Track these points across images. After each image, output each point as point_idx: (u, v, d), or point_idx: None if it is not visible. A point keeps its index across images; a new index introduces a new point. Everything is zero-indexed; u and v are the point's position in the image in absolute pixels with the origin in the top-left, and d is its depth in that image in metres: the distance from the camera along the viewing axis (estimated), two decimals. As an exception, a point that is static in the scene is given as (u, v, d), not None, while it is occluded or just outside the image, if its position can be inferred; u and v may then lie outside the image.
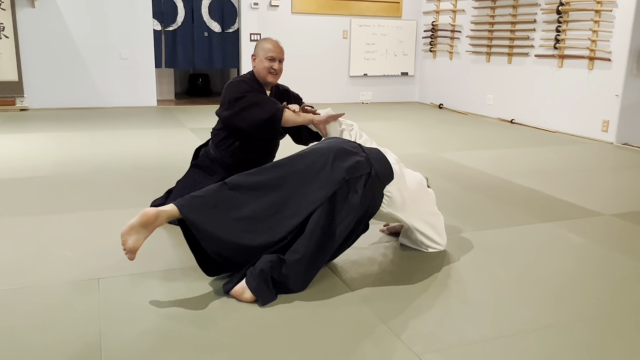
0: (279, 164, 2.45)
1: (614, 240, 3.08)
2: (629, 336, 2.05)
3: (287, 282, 2.25)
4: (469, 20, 8.21)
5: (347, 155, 2.46)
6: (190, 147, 5.24)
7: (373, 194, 2.46)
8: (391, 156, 2.63)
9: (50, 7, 7.38)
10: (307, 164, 2.41)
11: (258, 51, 3.03)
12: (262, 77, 3.04)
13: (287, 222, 2.30)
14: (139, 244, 2.18)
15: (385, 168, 2.52)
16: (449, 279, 2.50)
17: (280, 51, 3.04)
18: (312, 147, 2.56)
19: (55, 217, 3.21)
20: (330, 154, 2.43)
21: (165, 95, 9.06)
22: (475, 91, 8.17)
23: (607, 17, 6.06)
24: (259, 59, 3.02)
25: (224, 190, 2.32)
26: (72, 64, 7.63)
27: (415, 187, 2.66)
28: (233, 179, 2.37)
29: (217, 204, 2.28)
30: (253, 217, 2.30)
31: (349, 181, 2.37)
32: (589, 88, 6.35)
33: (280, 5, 8.41)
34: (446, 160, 4.93)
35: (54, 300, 2.19)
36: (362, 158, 2.47)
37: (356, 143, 2.63)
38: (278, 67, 3.02)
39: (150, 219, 2.17)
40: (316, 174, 2.38)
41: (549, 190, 4.05)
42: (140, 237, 2.18)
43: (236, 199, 2.31)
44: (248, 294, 2.19)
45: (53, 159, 4.66)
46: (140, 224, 2.17)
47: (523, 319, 2.15)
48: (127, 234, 2.17)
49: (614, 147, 5.90)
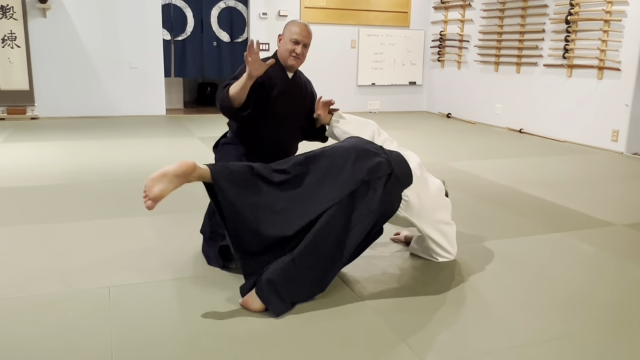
0: (300, 161, 2.44)
1: (625, 251, 3.06)
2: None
3: (301, 286, 2.23)
4: (477, 30, 8.22)
5: (369, 155, 2.44)
6: (199, 156, 5.28)
7: (391, 197, 2.46)
8: (414, 159, 2.62)
9: (62, 17, 7.46)
10: (328, 161, 2.41)
11: (284, 32, 2.89)
12: (283, 59, 2.90)
13: (301, 218, 2.29)
14: (164, 194, 2.14)
15: (405, 171, 2.51)
16: (461, 289, 2.49)
17: (307, 35, 2.89)
18: (334, 145, 2.54)
19: (66, 226, 3.22)
20: (352, 154, 2.42)
21: (174, 104, 9.11)
22: (484, 101, 8.17)
23: (617, 27, 6.05)
24: (284, 40, 2.88)
25: (250, 173, 2.33)
26: (82, 73, 7.70)
27: (434, 194, 2.65)
28: (257, 166, 2.38)
29: (244, 183, 2.29)
30: (270, 208, 2.29)
31: (369, 182, 2.37)
32: (599, 98, 6.33)
33: (288, 15, 8.46)
34: (455, 170, 4.92)
35: (65, 309, 2.20)
36: (383, 159, 2.46)
37: (378, 145, 2.62)
38: (301, 51, 2.86)
39: (188, 169, 2.16)
40: (337, 173, 2.37)
41: (559, 200, 4.03)
42: (169, 187, 2.14)
43: (257, 186, 2.32)
44: (257, 303, 2.18)
45: (63, 167, 4.69)
46: (175, 172, 2.15)
47: (535, 329, 2.14)
48: (157, 180, 2.13)
49: (623, 157, 5.87)
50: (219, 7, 8.25)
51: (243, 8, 8.39)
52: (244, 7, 8.39)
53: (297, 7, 8.51)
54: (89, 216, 3.40)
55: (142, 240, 3.00)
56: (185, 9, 8.11)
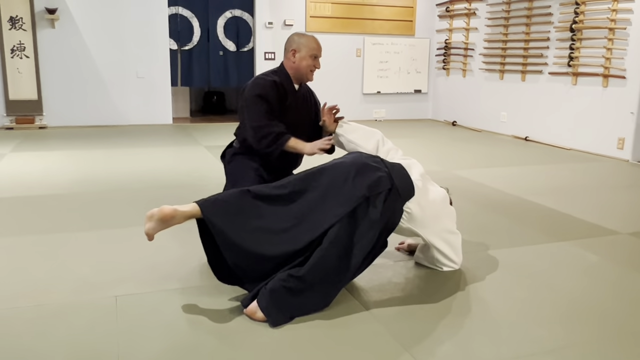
0: (301, 178, 2.46)
1: (630, 260, 3.06)
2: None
3: (304, 300, 2.25)
4: (482, 38, 8.25)
5: (369, 171, 2.45)
6: (206, 165, 5.33)
7: (393, 210, 2.47)
8: (416, 170, 2.62)
9: (70, 28, 7.55)
10: (329, 178, 2.42)
11: (301, 47, 2.91)
12: (302, 74, 2.95)
13: (305, 236, 2.31)
14: (153, 232, 2.25)
15: (407, 184, 2.51)
16: (465, 298, 2.50)
17: (321, 49, 3.01)
18: (335, 162, 2.56)
19: (74, 235, 3.25)
20: (352, 170, 2.44)
21: (181, 113, 9.17)
22: (489, 109, 8.18)
23: (622, 35, 6.06)
24: (302, 56, 2.91)
25: (247, 198, 2.35)
26: (90, 83, 7.78)
27: (438, 203, 2.65)
28: (256, 188, 2.41)
29: (239, 211, 2.31)
30: (272, 228, 2.31)
31: (369, 198, 2.38)
32: (604, 105, 6.33)
33: (294, 25, 8.52)
34: (461, 178, 4.92)
35: (72, 319, 2.22)
36: (383, 174, 2.47)
37: (379, 158, 2.63)
38: (319, 65, 2.96)
39: (166, 217, 2.22)
40: (338, 189, 2.38)
41: (564, 208, 4.03)
42: (156, 227, 2.24)
43: (258, 208, 2.34)
44: (260, 313, 2.20)
45: (71, 176, 4.74)
46: (158, 218, 2.23)
47: (539, 339, 2.14)
48: (148, 219, 2.25)
49: (629, 165, 5.86)
50: (225, 17, 8.33)
51: (249, 17, 8.46)
52: (249, 17, 8.46)
53: (302, 17, 8.57)
54: (96, 226, 3.43)
55: (148, 250, 3.02)
56: (192, 19, 8.18)
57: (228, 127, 8.14)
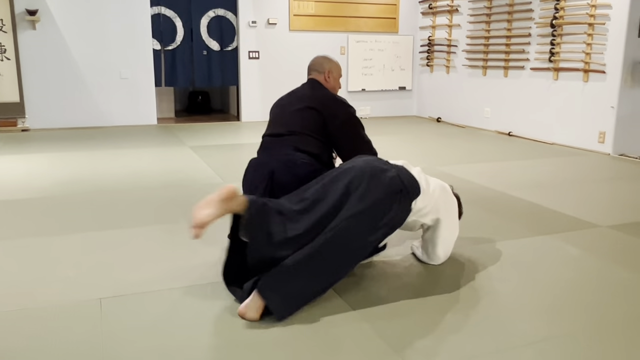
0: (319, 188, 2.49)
1: (609, 252, 3.11)
2: (626, 348, 2.07)
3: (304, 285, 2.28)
4: (464, 34, 8.31)
5: (381, 172, 2.50)
6: (191, 165, 5.32)
7: (402, 210, 2.52)
8: (414, 168, 2.68)
9: (51, 29, 7.49)
10: (344, 183, 2.44)
11: (334, 70, 3.21)
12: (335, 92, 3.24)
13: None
14: (209, 219, 2.17)
15: (413, 184, 2.56)
16: (446, 293, 2.53)
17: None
18: (345, 167, 2.57)
19: (58, 238, 3.24)
20: (366, 173, 2.47)
21: (165, 114, 9.14)
22: (473, 104, 8.24)
23: (601, 30, 6.14)
24: (335, 78, 3.23)
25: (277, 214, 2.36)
26: (72, 85, 7.72)
27: (438, 193, 2.70)
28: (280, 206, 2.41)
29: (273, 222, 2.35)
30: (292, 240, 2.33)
31: (383, 199, 2.42)
32: (585, 100, 6.41)
33: (277, 23, 8.52)
34: (444, 174, 4.97)
35: (55, 322, 2.22)
36: (394, 174, 2.51)
37: (384, 159, 2.68)
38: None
39: (229, 194, 2.20)
40: (354, 194, 2.41)
41: (546, 202, 4.09)
42: (213, 212, 2.17)
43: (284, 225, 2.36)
44: (253, 312, 2.22)
45: (55, 179, 4.71)
46: (221, 198, 2.19)
47: (520, 332, 2.18)
48: (201, 207, 2.18)
49: (610, 158, 5.95)
50: (208, 17, 8.30)
51: (232, 17, 8.44)
52: (233, 16, 8.44)
53: (286, 15, 8.57)
54: (80, 228, 3.42)
55: (133, 251, 3.02)
56: (175, 19, 8.15)
57: (213, 127, 8.13)
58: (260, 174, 2.95)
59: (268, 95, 8.56)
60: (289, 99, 3.18)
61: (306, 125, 2.98)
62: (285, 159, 2.90)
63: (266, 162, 2.95)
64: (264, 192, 2.86)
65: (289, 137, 2.96)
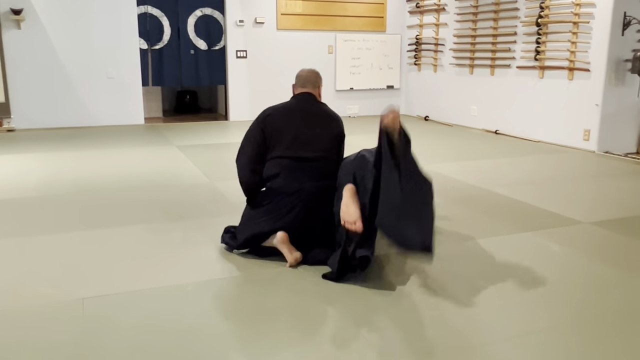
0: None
1: (591, 248, 3.14)
2: (607, 343, 2.10)
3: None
4: (451, 33, 8.34)
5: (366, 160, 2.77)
6: (177, 165, 5.30)
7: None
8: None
9: (36, 29, 7.43)
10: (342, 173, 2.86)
11: (322, 85, 3.34)
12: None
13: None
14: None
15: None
16: (429, 289, 2.55)
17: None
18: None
19: (43, 238, 3.22)
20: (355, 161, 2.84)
21: (153, 113, 9.10)
22: (460, 103, 8.28)
23: (585, 29, 6.19)
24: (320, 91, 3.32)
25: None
26: (59, 85, 7.67)
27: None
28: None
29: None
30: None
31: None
32: (570, 98, 6.46)
33: (265, 22, 8.51)
34: (432, 173, 4.96)
35: (37, 322, 2.21)
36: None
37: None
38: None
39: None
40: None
41: (531, 199, 4.12)
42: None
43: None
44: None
45: (40, 179, 4.68)
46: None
47: (502, 327, 2.20)
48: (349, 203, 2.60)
49: (595, 156, 6.00)
50: (195, 16, 8.28)
51: (219, 16, 8.42)
52: (220, 15, 8.42)
53: (273, 14, 8.56)
54: (65, 228, 3.40)
55: (117, 251, 3.02)
56: (162, 18, 8.12)
57: (200, 126, 8.11)
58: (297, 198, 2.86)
59: (256, 94, 8.55)
60: (301, 117, 3.07)
61: (328, 149, 3.05)
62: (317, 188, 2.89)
63: (302, 188, 2.88)
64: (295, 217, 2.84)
65: (315, 163, 2.97)
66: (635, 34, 6.00)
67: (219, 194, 4.23)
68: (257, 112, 3.19)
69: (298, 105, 3.15)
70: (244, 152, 3.05)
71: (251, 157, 3.00)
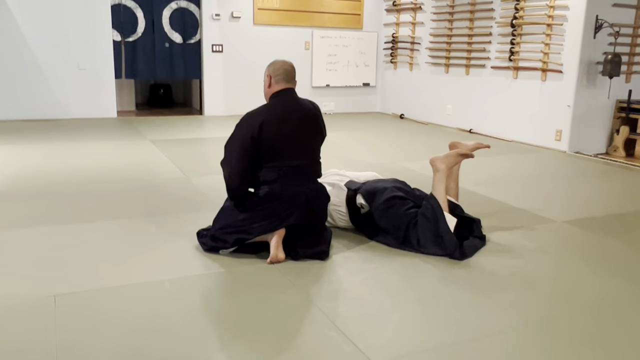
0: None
1: (564, 247, 3.20)
2: (580, 339, 2.14)
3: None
4: (428, 32, 8.40)
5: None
6: (151, 159, 5.22)
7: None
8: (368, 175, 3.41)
9: (6, 18, 7.22)
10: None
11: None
12: None
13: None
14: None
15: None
16: (407, 287, 2.56)
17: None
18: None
19: (12, 232, 3.13)
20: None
21: (126, 106, 8.94)
22: (435, 102, 8.35)
23: (558, 31, 6.30)
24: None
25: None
26: (29, 76, 7.47)
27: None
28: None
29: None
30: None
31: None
32: (543, 98, 6.57)
33: (242, 17, 8.43)
34: (406, 170, 5.02)
35: (7, 319, 2.15)
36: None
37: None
38: None
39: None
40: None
41: (504, 198, 4.18)
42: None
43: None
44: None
45: (9, 172, 4.55)
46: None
47: (478, 325, 2.22)
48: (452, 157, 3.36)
49: (566, 156, 6.12)
50: (170, 8, 8.16)
51: (195, 9, 8.31)
52: (196, 8, 8.31)
53: (250, 9, 8.49)
54: (35, 223, 3.32)
55: (90, 247, 2.95)
56: (136, 10, 7.98)
57: (174, 120, 8.00)
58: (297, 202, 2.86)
59: (232, 89, 8.47)
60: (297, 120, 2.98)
61: (318, 150, 3.11)
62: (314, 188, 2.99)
63: (301, 191, 2.89)
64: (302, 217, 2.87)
65: (311, 167, 3.02)
66: (607, 37, 6.12)
67: (194, 189, 4.18)
68: (232, 107, 3.14)
69: (292, 108, 3.00)
70: (234, 163, 2.87)
71: (242, 173, 2.87)
